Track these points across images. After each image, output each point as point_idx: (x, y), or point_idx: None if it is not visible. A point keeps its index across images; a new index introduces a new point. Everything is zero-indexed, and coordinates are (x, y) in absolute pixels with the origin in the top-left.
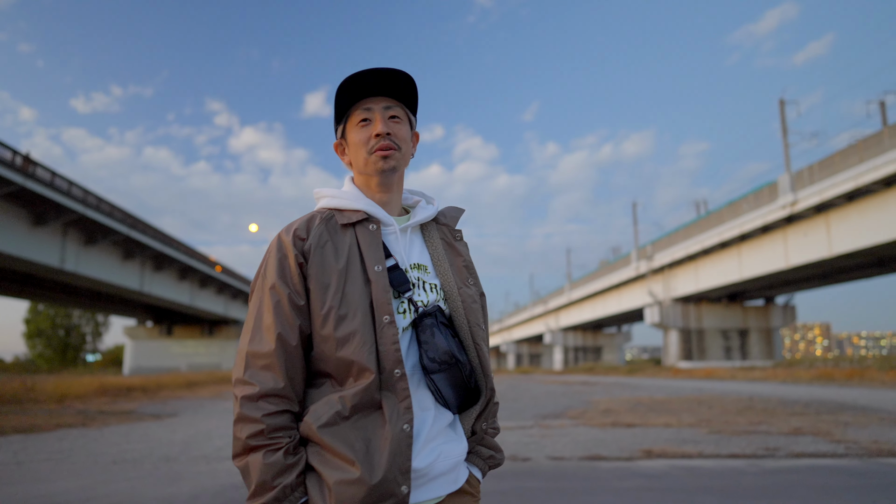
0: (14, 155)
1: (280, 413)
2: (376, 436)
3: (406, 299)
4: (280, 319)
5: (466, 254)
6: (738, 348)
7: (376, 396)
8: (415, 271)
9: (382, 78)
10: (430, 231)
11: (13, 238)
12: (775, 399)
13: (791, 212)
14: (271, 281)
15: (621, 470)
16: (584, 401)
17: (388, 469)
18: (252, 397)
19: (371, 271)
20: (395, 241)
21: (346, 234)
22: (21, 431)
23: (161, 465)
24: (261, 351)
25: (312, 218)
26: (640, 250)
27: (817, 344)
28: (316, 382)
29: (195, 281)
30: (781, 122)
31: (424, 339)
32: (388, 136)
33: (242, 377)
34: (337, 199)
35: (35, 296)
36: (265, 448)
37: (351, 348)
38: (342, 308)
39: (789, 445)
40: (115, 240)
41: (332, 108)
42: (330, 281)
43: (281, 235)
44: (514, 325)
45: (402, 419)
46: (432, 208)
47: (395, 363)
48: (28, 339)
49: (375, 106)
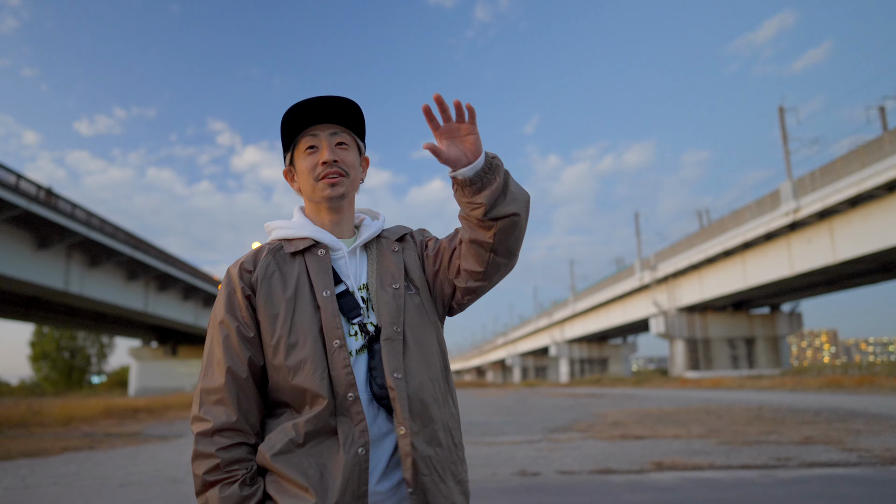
0: (18, 179)
1: (235, 446)
2: (331, 461)
3: (356, 324)
4: (229, 353)
5: (399, 260)
6: (745, 357)
7: (331, 422)
8: (363, 292)
9: (327, 105)
10: (373, 248)
11: (18, 261)
12: (785, 408)
13: (794, 219)
14: (220, 316)
15: (632, 483)
16: (592, 413)
17: (341, 494)
18: (206, 433)
19: (320, 297)
20: (345, 264)
21: (294, 262)
22: (28, 455)
23: (168, 486)
24: (212, 386)
25: (260, 250)
26: (644, 260)
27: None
28: (276, 413)
29: (199, 300)
30: (781, 129)
31: (373, 364)
32: (336, 163)
33: (198, 413)
34: (285, 230)
35: (40, 318)
36: (222, 482)
37: (303, 376)
38: (292, 336)
39: (801, 455)
40: (119, 261)
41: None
42: (278, 311)
43: (229, 270)
44: (518, 338)
45: (356, 443)
46: (376, 224)
47: (348, 387)
48: (33, 362)
49: (322, 133)
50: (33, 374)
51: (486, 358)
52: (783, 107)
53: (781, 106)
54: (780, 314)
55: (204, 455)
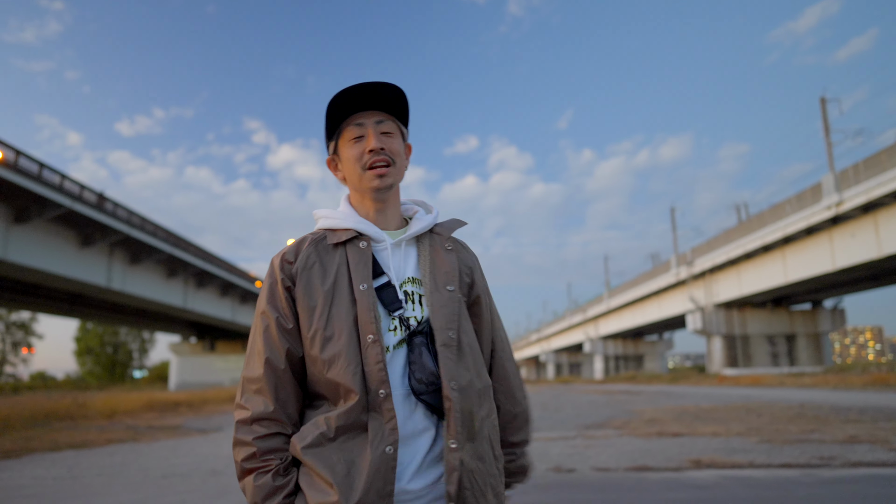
0: (62, 179)
1: (271, 436)
2: (359, 458)
3: (396, 317)
4: (268, 344)
5: (454, 260)
6: (785, 354)
7: (362, 418)
8: (410, 286)
9: (373, 92)
10: (425, 242)
11: (62, 259)
12: (827, 406)
13: (836, 212)
14: (262, 307)
15: (669, 481)
16: (628, 410)
17: (365, 493)
18: (245, 421)
19: (357, 290)
20: (388, 256)
21: (335, 253)
22: (74, 447)
23: (209, 478)
24: (252, 375)
25: (303, 241)
26: (680, 256)
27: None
28: (315, 404)
29: (236, 297)
30: (823, 121)
31: (413, 359)
32: (382, 150)
33: (239, 402)
34: (330, 220)
35: (84, 314)
36: (257, 470)
37: (336, 369)
38: (328, 329)
39: (845, 454)
40: (159, 258)
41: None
42: (316, 303)
43: (272, 261)
44: (552, 334)
45: (385, 441)
46: (429, 218)
47: (380, 383)
48: (78, 357)
49: (367, 121)
50: (78, 369)
51: (520, 354)
52: (825, 98)
53: (823, 97)
54: (822, 310)
55: (242, 443)
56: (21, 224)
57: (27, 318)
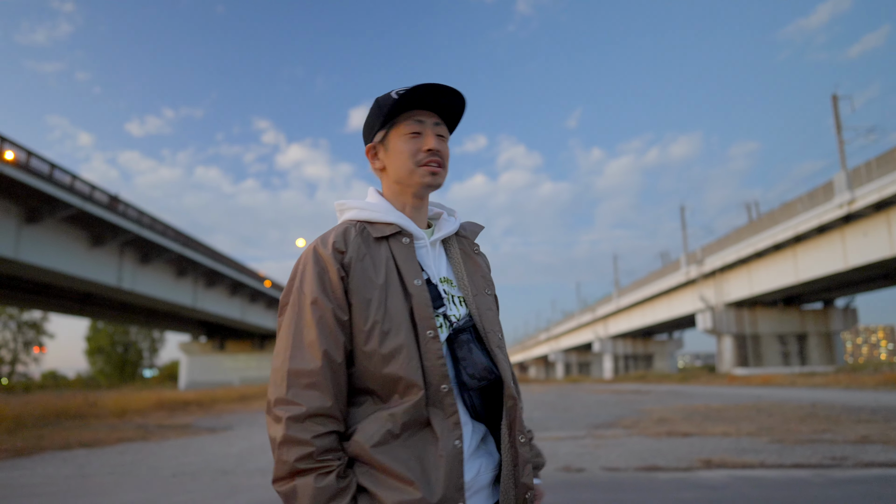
0: (73, 179)
1: (328, 434)
2: (428, 453)
3: (441, 314)
4: (325, 335)
5: (485, 266)
6: (796, 353)
7: (424, 413)
8: (443, 285)
9: (441, 95)
10: (452, 244)
11: (73, 259)
12: (839, 406)
13: (848, 211)
14: (312, 296)
15: (679, 481)
16: (637, 409)
17: (446, 487)
18: (298, 417)
19: (410, 285)
20: (426, 255)
21: (380, 247)
22: (85, 445)
23: (219, 478)
24: (305, 369)
25: (347, 230)
26: (690, 255)
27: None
28: (356, 400)
29: (245, 296)
30: (835, 118)
31: (462, 355)
32: (438, 152)
33: (285, 396)
34: (367, 212)
35: (95, 314)
36: (316, 471)
37: (398, 364)
38: (386, 323)
39: (857, 454)
40: (169, 258)
41: (374, 109)
42: (372, 295)
43: (317, 248)
44: (561, 333)
45: (452, 435)
46: (455, 221)
47: (442, 378)
48: (89, 356)
49: (427, 120)
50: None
51: (529, 353)
52: (837, 95)
53: (835, 94)
54: (834, 309)
55: (296, 441)
56: (32, 224)
57: (38, 318)
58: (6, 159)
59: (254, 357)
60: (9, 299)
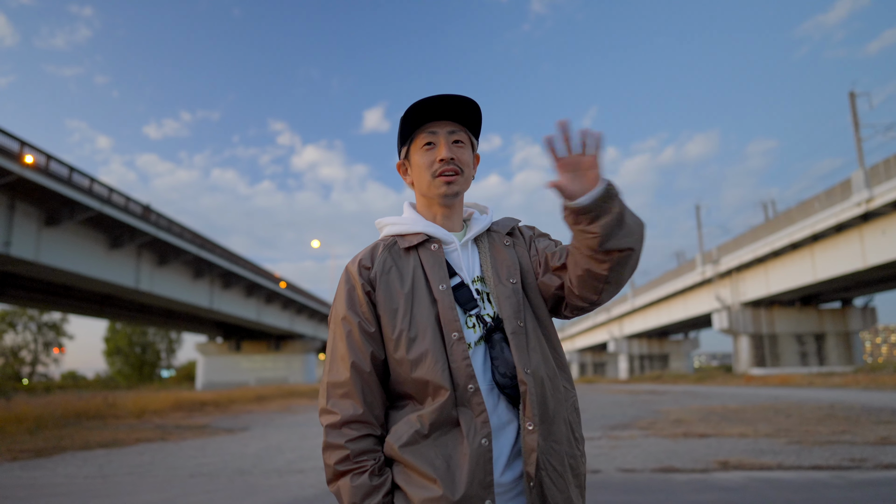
0: (91, 182)
1: (362, 437)
2: (456, 452)
3: (474, 315)
4: (352, 348)
5: (512, 253)
6: (814, 353)
7: (453, 413)
8: (478, 284)
9: (447, 104)
10: (483, 241)
11: (92, 261)
12: (858, 406)
13: (867, 209)
14: (342, 313)
15: (696, 482)
16: (653, 410)
17: (469, 485)
18: (335, 425)
19: (436, 290)
20: (458, 257)
21: (409, 257)
22: (104, 446)
23: (236, 478)
24: (338, 380)
25: (376, 247)
26: (706, 254)
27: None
28: (398, 404)
29: (261, 297)
30: (853, 115)
31: (495, 354)
32: (452, 160)
33: (326, 406)
34: (398, 226)
35: (113, 315)
36: (352, 472)
37: (424, 368)
38: (412, 330)
39: (877, 456)
40: (186, 260)
41: (398, 126)
42: (398, 305)
43: (348, 268)
44: (576, 333)
45: (479, 434)
46: (486, 219)
47: (468, 378)
48: (108, 357)
49: (440, 130)
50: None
51: None
52: (854, 92)
53: (852, 91)
54: (853, 309)
55: (334, 446)
56: (52, 227)
57: (58, 319)
58: (26, 163)
59: (269, 357)
60: (29, 301)
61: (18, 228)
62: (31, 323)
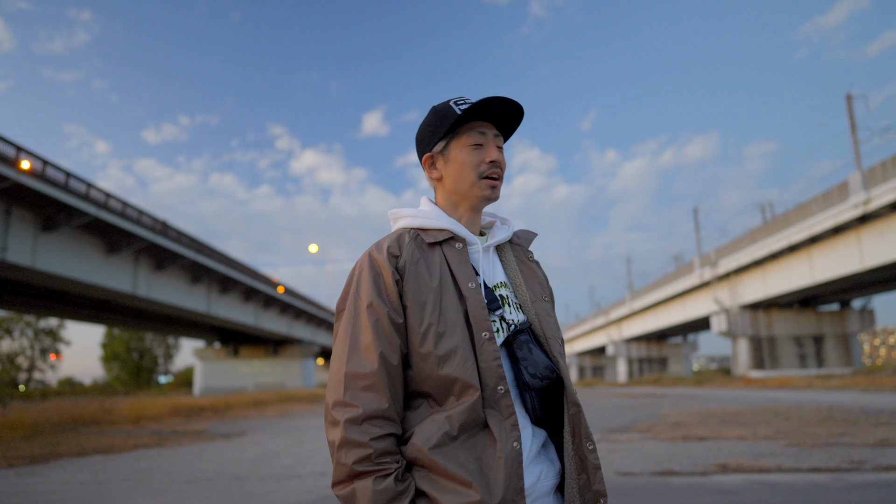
0: (88, 187)
1: (386, 437)
2: (486, 455)
3: (498, 317)
4: (380, 338)
5: (541, 273)
6: (813, 356)
7: (481, 415)
8: (501, 290)
9: (504, 108)
10: (506, 251)
11: (89, 266)
12: (857, 409)
13: (864, 211)
14: (368, 300)
15: (695, 485)
16: (652, 413)
17: (505, 489)
18: (356, 420)
19: (465, 288)
20: (480, 260)
21: (434, 252)
22: (101, 452)
23: (233, 483)
24: (362, 371)
25: (401, 235)
26: (704, 257)
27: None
28: (412, 404)
29: (259, 302)
30: (849, 117)
31: (522, 355)
32: (499, 164)
33: (343, 399)
34: (420, 219)
35: (110, 321)
36: (374, 474)
37: (453, 365)
38: (441, 325)
39: (876, 458)
40: (183, 264)
41: (432, 119)
42: (427, 298)
43: (372, 254)
44: (575, 337)
45: (511, 437)
46: (508, 229)
47: (498, 379)
48: (105, 363)
49: (489, 132)
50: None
51: None
52: (851, 94)
53: (849, 93)
54: (851, 311)
55: (354, 443)
56: (48, 232)
57: (55, 325)
58: (23, 168)
59: (267, 362)
60: (26, 307)
61: (14, 234)
62: (27, 329)
